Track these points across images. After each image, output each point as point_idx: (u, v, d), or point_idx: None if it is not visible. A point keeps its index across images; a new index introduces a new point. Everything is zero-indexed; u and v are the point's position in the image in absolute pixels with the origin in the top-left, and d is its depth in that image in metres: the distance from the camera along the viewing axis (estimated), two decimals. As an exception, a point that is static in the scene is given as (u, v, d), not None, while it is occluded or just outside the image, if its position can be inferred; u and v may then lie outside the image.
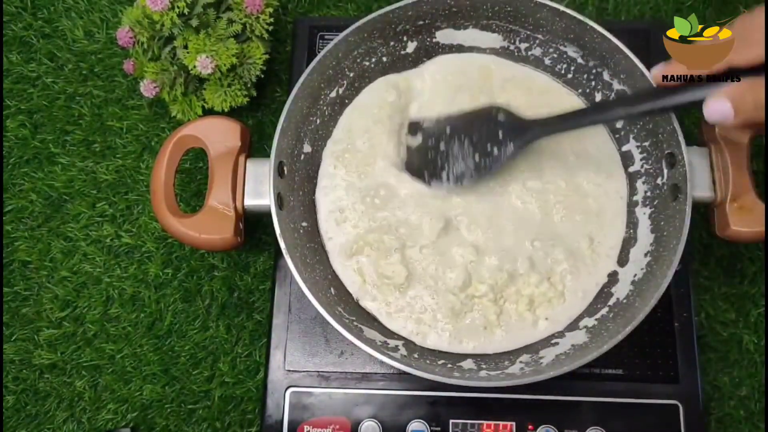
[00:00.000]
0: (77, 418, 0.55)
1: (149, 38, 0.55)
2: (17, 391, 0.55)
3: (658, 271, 0.46)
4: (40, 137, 0.62)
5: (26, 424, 0.55)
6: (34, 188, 0.60)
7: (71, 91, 0.63)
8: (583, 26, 0.51)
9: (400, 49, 0.56)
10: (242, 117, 0.61)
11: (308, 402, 0.50)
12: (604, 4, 0.64)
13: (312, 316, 0.52)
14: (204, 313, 0.57)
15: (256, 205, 0.49)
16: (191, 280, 0.57)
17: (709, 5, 0.63)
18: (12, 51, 0.64)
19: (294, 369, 0.51)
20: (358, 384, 0.51)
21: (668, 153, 0.49)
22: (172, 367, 0.55)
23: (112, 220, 0.59)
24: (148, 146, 0.61)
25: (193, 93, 0.59)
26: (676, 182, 0.48)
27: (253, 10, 0.55)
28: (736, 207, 0.48)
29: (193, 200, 0.60)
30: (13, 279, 0.58)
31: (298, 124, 0.52)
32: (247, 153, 0.51)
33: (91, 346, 0.56)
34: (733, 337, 0.54)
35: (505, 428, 0.49)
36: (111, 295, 0.57)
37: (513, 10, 0.53)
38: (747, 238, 0.48)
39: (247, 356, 0.56)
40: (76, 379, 0.55)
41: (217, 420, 0.54)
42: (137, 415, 0.55)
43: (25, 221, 0.60)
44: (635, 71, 0.49)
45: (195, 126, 0.51)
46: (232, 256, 0.58)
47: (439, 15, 0.54)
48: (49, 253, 0.59)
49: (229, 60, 0.54)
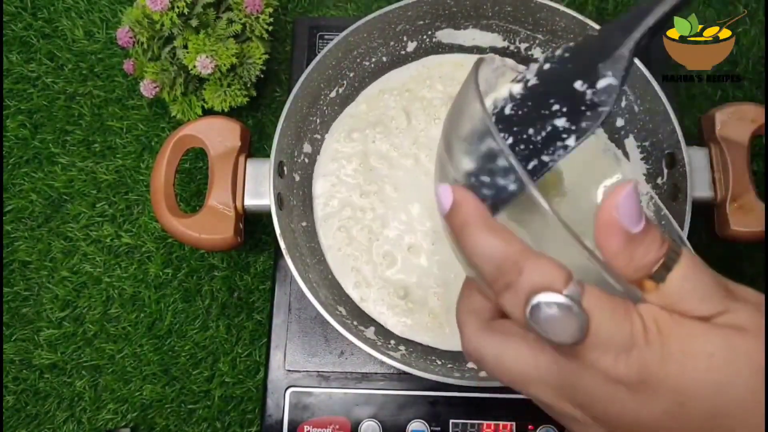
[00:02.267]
0: (77, 418, 0.55)
1: (149, 38, 0.55)
2: (17, 391, 0.55)
3: (658, 271, 0.46)
4: (40, 137, 0.62)
5: (26, 424, 0.55)
6: (34, 188, 0.60)
7: (71, 91, 0.63)
8: (583, 26, 0.51)
9: (400, 49, 0.56)
10: (242, 117, 0.61)
11: (308, 402, 0.50)
12: (604, 4, 0.64)
13: (312, 316, 0.52)
14: (204, 313, 0.57)
15: (256, 205, 0.49)
16: (191, 280, 0.57)
17: (709, 5, 0.63)
18: (12, 51, 0.64)
19: (294, 369, 0.51)
20: (358, 384, 0.51)
21: (668, 153, 0.49)
22: (172, 367, 0.55)
23: (112, 220, 0.59)
24: (148, 146, 0.61)
25: (193, 93, 0.59)
26: (676, 182, 0.48)
27: (253, 10, 0.55)
28: (736, 207, 0.48)
29: (193, 200, 0.60)
30: (13, 279, 0.58)
31: (297, 124, 0.52)
32: (247, 153, 0.51)
33: (91, 346, 0.56)
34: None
35: (505, 428, 0.49)
36: (111, 295, 0.57)
37: (513, 10, 0.53)
38: (747, 238, 0.48)
39: (247, 356, 0.56)
40: (76, 379, 0.55)
41: (217, 420, 0.54)
42: (137, 415, 0.55)
43: (25, 221, 0.60)
44: (635, 70, 0.49)
45: (195, 126, 0.51)
46: (232, 256, 0.58)
47: (439, 15, 0.54)
48: (49, 253, 0.59)
49: (229, 60, 0.54)
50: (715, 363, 0.24)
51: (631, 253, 0.26)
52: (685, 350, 0.24)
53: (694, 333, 0.25)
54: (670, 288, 0.25)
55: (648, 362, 0.24)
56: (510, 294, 0.26)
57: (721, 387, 0.24)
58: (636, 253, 0.26)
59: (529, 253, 0.26)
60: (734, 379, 0.24)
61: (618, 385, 0.25)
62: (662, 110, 0.48)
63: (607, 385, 0.25)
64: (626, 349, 0.24)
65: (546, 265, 0.25)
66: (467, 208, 0.27)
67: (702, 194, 0.48)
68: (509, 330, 0.28)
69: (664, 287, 0.25)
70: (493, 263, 0.26)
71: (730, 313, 0.25)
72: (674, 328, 0.25)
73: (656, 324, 0.25)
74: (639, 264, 0.26)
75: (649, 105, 0.50)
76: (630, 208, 0.26)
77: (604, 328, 0.24)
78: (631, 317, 0.25)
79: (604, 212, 0.26)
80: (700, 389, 0.24)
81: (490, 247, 0.26)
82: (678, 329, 0.25)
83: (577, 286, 0.25)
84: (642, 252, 0.26)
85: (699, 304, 0.25)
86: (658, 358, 0.24)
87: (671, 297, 0.25)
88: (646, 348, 0.24)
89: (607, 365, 0.24)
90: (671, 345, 0.24)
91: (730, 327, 0.25)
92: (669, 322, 0.25)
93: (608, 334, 0.24)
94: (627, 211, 0.26)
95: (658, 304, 0.26)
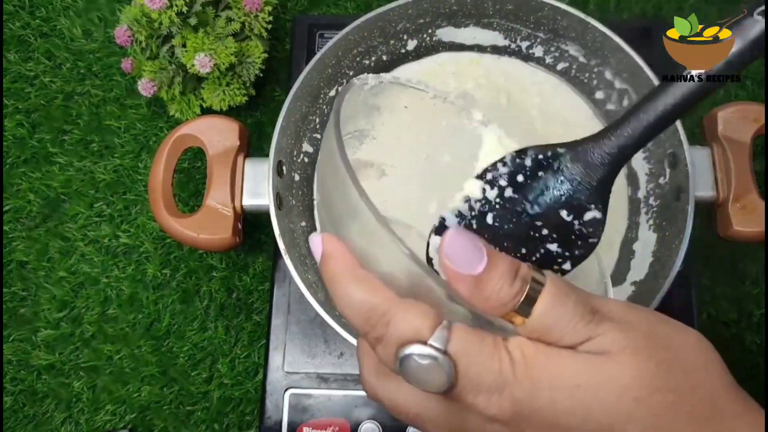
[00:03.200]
0: (75, 420, 0.54)
1: (147, 37, 0.55)
2: (15, 392, 0.55)
3: (660, 272, 0.46)
4: (37, 137, 0.61)
5: (24, 425, 0.55)
6: (31, 188, 0.60)
7: (69, 90, 0.63)
8: (584, 25, 0.50)
9: (400, 48, 0.56)
10: (241, 116, 0.61)
11: (307, 403, 0.50)
12: (605, 2, 0.64)
13: (311, 317, 0.52)
14: (202, 314, 0.56)
15: (255, 205, 0.49)
16: (189, 280, 0.57)
17: (710, 5, 0.63)
18: (10, 50, 0.64)
19: (293, 370, 0.51)
20: (358, 385, 0.50)
21: (670, 153, 0.49)
22: (170, 368, 0.55)
23: (110, 220, 0.59)
24: (146, 146, 0.61)
25: (191, 92, 0.58)
26: (679, 182, 0.48)
27: (252, 9, 0.55)
28: (739, 207, 0.47)
29: (191, 200, 0.59)
30: (10, 279, 0.58)
31: (297, 124, 0.52)
32: (246, 152, 0.51)
33: (89, 347, 0.56)
34: (735, 337, 0.54)
35: (505, 430, 0.49)
36: (109, 296, 0.57)
37: (514, 9, 0.53)
38: (749, 238, 0.48)
39: (246, 357, 0.55)
40: (74, 380, 0.55)
41: (215, 421, 0.54)
42: (135, 416, 0.54)
43: (22, 221, 0.59)
44: (637, 70, 0.49)
45: (193, 125, 0.51)
46: (230, 257, 0.58)
47: (439, 13, 0.54)
48: (46, 253, 0.58)
49: (228, 59, 0.54)
50: (581, 393, 0.24)
51: (482, 294, 0.26)
52: (553, 384, 0.25)
53: (561, 363, 0.25)
54: (534, 322, 0.25)
55: (519, 399, 0.25)
56: (381, 347, 0.26)
57: (590, 414, 0.24)
58: (487, 293, 0.26)
59: (396, 303, 0.26)
60: (602, 404, 0.24)
61: (495, 424, 0.25)
62: (664, 109, 0.48)
63: (487, 424, 0.26)
64: (498, 389, 0.25)
65: (412, 313, 0.25)
66: (335, 259, 0.27)
67: (704, 194, 0.48)
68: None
69: (529, 321, 0.26)
70: (362, 316, 0.26)
71: (593, 339, 0.25)
72: (541, 361, 0.25)
73: (524, 358, 0.25)
74: (496, 302, 0.26)
75: (651, 104, 0.50)
76: (460, 253, 0.26)
77: (473, 371, 0.25)
78: (499, 354, 0.25)
79: (441, 262, 0.26)
80: (570, 419, 0.24)
81: (358, 298, 0.26)
82: (545, 361, 0.25)
83: (444, 330, 0.25)
84: (493, 289, 0.26)
85: (565, 333, 0.25)
86: (528, 395, 0.25)
87: (538, 330, 0.26)
88: (516, 384, 0.25)
89: (482, 406, 0.25)
90: (540, 379, 0.25)
91: (595, 353, 0.25)
92: (536, 354, 0.25)
93: (477, 376, 0.25)
94: (458, 257, 0.26)
95: (529, 336, 0.26)
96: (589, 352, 0.25)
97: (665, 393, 0.24)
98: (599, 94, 0.54)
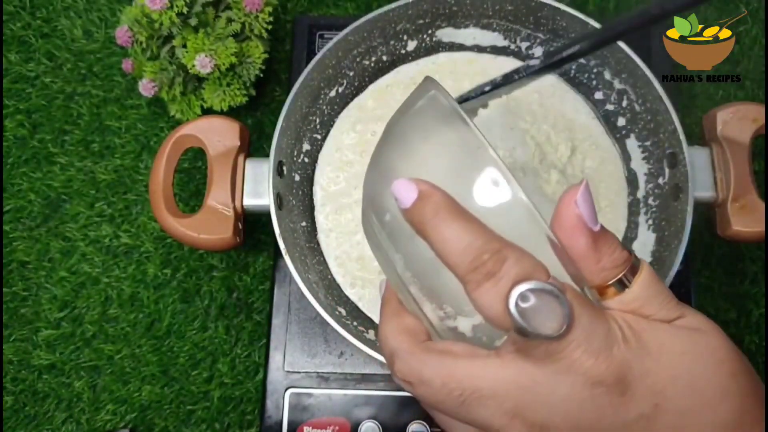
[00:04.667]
0: (76, 419, 0.55)
1: (148, 37, 0.55)
2: (16, 392, 0.55)
3: (659, 272, 0.46)
4: (38, 137, 0.61)
5: (25, 425, 0.55)
6: (32, 188, 0.60)
7: (70, 90, 0.63)
8: (584, 25, 0.51)
9: (400, 48, 0.56)
10: (241, 116, 0.61)
11: (308, 403, 0.50)
12: (605, 2, 0.64)
13: (311, 316, 0.52)
14: (203, 314, 0.56)
15: (256, 205, 0.49)
16: (190, 280, 0.57)
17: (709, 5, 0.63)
18: (10, 50, 0.64)
19: (293, 370, 0.51)
20: (358, 385, 0.50)
21: (669, 153, 0.49)
22: (170, 368, 0.55)
23: (110, 220, 0.59)
24: (146, 146, 0.61)
25: (192, 92, 0.58)
26: (678, 182, 0.48)
27: (253, 9, 0.55)
28: (738, 207, 0.48)
29: (192, 200, 0.59)
30: (11, 279, 0.58)
31: (297, 124, 0.52)
32: (246, 153, 0.51)
33: (90, 347, 0.56)
34: (734, 337, 0.54)
35: (505, 429, 0.49)
36: (110, 296, 0.57)
37: (514, 9, 0.53)
38: (748, 238, 0.48)
39: (247, 357, 0.55)
40: (75, 379, 0.55)
41: (216, 421, 0.54)
42: (136, 416, 0.54)
43: (23, 221, 0.60)
44: (637, 70, 0.49)
45: (194, 125, 0.51)
46: (231, 257, 0.58)
47: (439, 14, 0.54)
48: (47, 253, 0.58)
49: (228, 59, 0.54)
50: (687, 360, 0.25)
51: (598, 252, 0.25)
52: (661, 348, 0.25)
53: (665, 332, 0.25)
54: (633, 294, 0.26)
55: (627, 360, 0.24)
56: (490, 284, 0.24)
57: (695, 382, 0.25)
58: (603, 252, 0.25)
59: (510, 243, 0.24)
60: (704, 375, 0.25)
61: (597, 388, 0.24)
62: (663, 110, 0.48)
63: (586, 389, 0.24)
64: (607, 347, 0.24)
65: (528, 255, 0.24)
66: (437, 197, 0.25)
67: (703, 194, 0.48)
68: (452, 349, 0.26)
69: (626, 293, 0.26)
70: (472, 252, 0.24)
71: (686, 317, 0.26)
72: (645, 328, 0.25)
73: (628, 324, 0.25)
74: (607, 264, 0.25)
75: (650, 105, 0.50)
76: (589, 205, 0.26)
77: (586, 322, 0.24)
78: (605, 315, 0.25)
79: (564, 211, 0.25)
80: (677, 386, 0.24)
81: (469, 235, 0.24)
82: (649, 329, 0.25)
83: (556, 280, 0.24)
84: (608, 250, 0.26)
85: (659, 309, 0.26)
86: (637, 356, 0.24)
87: (633, 303, 0.26)
88: (625, 344, 0.24)
89: (589, 365, 0.24)
90: (648, 342, 0.25)
91: (690, 329, 0.26)
92: (638, 322, 0.25)
93: (590, 329, 0.24)
94: (587, 208, 0.25)
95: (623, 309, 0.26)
96: (685, 327, 0.26)
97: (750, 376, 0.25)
98: (599, 94, 0.54)
